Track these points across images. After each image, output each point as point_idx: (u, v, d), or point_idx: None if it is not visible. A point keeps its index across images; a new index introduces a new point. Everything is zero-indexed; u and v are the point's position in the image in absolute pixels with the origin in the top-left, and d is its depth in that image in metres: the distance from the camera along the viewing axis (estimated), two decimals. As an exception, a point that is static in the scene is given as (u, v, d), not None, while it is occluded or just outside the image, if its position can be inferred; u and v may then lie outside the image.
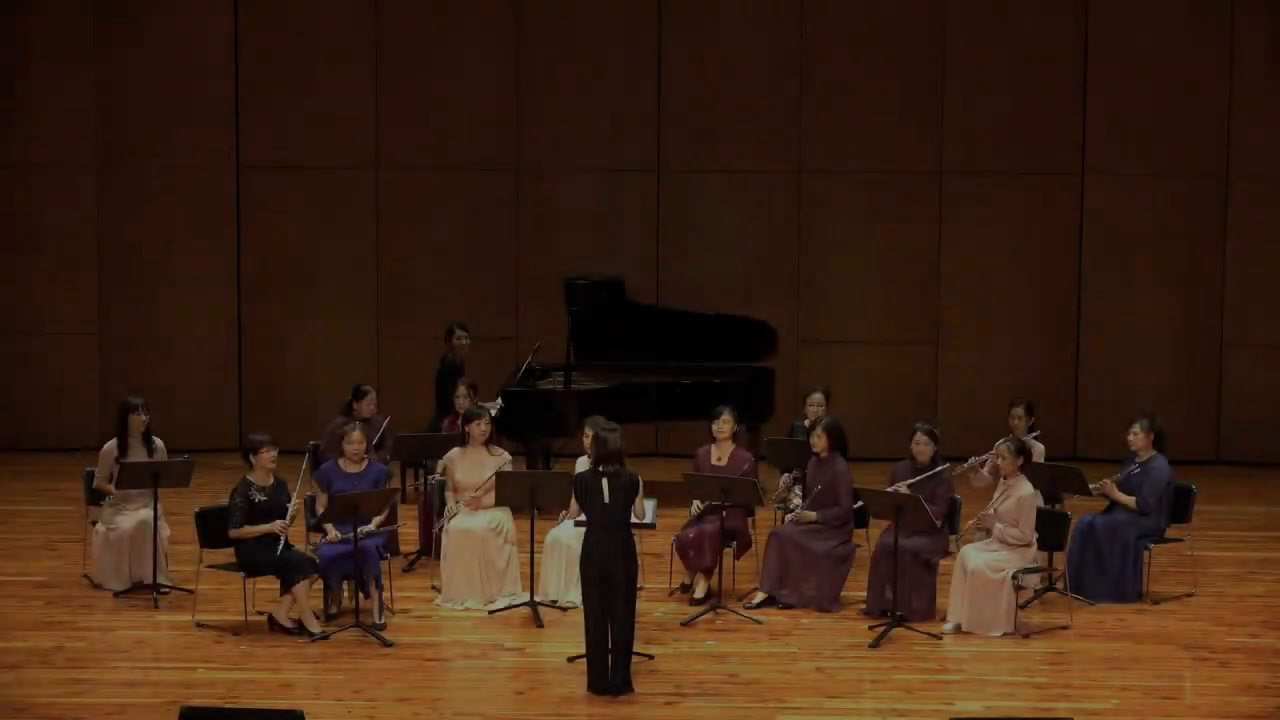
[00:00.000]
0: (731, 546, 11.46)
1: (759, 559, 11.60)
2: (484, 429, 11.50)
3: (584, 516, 9.81)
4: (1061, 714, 9.33)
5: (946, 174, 16.25)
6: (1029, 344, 16.35)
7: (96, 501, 11.78)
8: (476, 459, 11.47)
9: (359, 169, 16.41)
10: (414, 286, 16.50)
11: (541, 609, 11.05)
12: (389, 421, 13.03)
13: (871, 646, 10.54)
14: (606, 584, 9.57)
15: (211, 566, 10.95)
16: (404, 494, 13.72)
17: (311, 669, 10.09)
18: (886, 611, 10.92)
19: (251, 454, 10.85)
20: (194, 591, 11.14)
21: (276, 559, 10.59)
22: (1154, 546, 11.53)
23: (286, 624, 10.67)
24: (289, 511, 10.76)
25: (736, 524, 11.48)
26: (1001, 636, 10.69)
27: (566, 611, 11.09)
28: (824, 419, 11.58)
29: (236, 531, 10.72)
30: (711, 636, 10.74)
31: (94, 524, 11.72)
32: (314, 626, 10.62)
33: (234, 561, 10.83)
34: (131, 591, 11.45)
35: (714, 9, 16.29)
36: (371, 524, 10.97)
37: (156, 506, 11.37)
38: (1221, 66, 15.95)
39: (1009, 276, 16.34)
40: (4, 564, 12.36)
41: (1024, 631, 10.76)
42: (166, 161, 16.32)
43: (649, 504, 10.45)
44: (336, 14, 16.33)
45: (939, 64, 16.16)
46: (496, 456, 11.50)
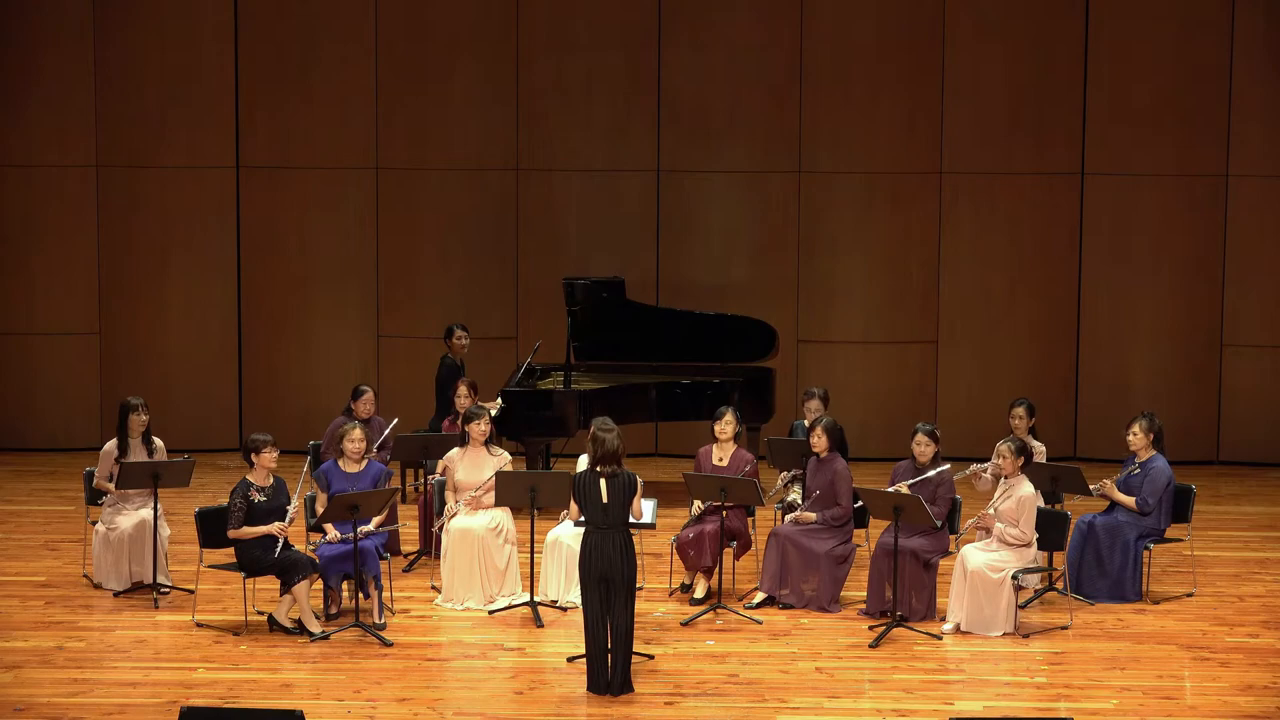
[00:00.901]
0: (731, 546, 11.46)
1: (759, 559, 11.61)
2: (484, 429, 11.51)
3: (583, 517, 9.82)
4: (1061, 714, 9.34)
5: (946, 174, 16.25)
6: (1029, 344, 16.35)
7: (96, 501, 11.79)
8: (476, 459, 11.48)
9: (359, 169, 16.40)
10: (414, 286, 16.50)
11: (541, 609, 11.06)
12: (396, 424, 13.00)
13: (871, 646, 10.54)
14: (606, 584, 9.57)
15: (211, 566, 10.96)
16: (404, 494, 13.75)
17: (311, 669, 10.09)
18: (886, 611, 10.93)
19: (252, 454, 10.85)
20: (194, 591, 11.16)
21: (276, 559, 10.61)
22: (1154, 546, 11.53)
23: (286, 624, 10.68)
24: (289, 513, 10.76)
25: (736, 524, 11.49)
26: (1001, 636, 10.69)
27: (566, 611, 11.10)
28: (823, 419, 11.58)
29: (235, 532, 10.72)
30: (711, 636, 10.75)
31: (94, 524, 11.73)
32: (314, 626, 10.62)
33: (234, 561, 10.84)
34: (131, 591, 11.46)
35: (714, 9, 16.27)
36: (371, 524, 10.98)
37: (156, 506, 11.38)
38: (1221, 66, 15.95)
39: (1009, 277, 16.34)
40: (4, 564, 12.36)
41: (1024, 631, 10.76)
42: (166, 161, 16.32)
43: (649, 504, 10.46)
44: (336, 14, 16.32)
45: (939, 63, 16.16)
46: (496, 456, 11.51)
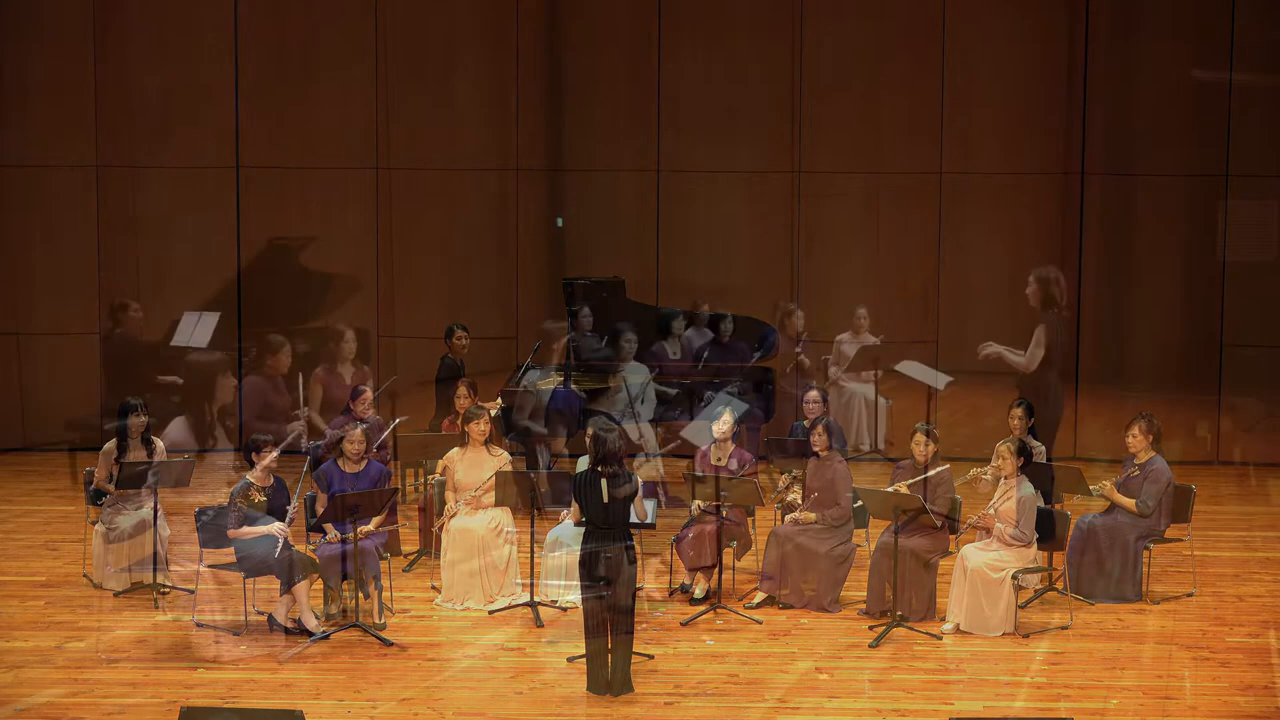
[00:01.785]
0: (731, 546, 11.46)
1: (759, 559, 11.61)
2: (484, 429, 11.50)
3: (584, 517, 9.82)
4: (1061, 714, 9.34)
5: (946, 174, 16.25)
6: (1028, 344, 16.30)
7: (96, 501, 11.79)
8: (476, 459, 11.47)
9: (359, 169, 16.40)
10: (414, 286, 16.49)
11: (541, 609, 11.06)
12: (397, 424, 12.98)
13: (871, 646, 10.54)
14: (606, 584, 9.57)
15: (211, 566, 10.96)
16: (404, 494, 13.75)
17: (311, 669, 10.09)
18: (886, 611, 10.93)
19: (253, 454, 10.85)
20: (194, 591, 11.15)
21: (276, 559, 10.60)
22: (1154, 546, 11.52)
23: (286, 624, 10.67)
24: (288, 514, 10.76)
25: (736, 524, 11.49)
26: (1001, 636, 10.69)
27: (566, 611, 11.09)
28: (823, 418, 11.59)
29: (235, 532, 10.72)
30: (711, 636, 10.74)
31: (94, 524, 11.73)
32: (314, 626, 10.62)
33: (234, 561, 10.83)
34: (131, 591, 11.46)
35: (714, 10, 16.27)
36: (370, 524, 10.97)
37: (156, 506, 11.38)
38: (1220, 67, 15.94)
39: (1009, 277, 16.32)
40: (4, 564, 12.36)
41: (1024, 631, 10.76)
42: (166, 161, 16.32)
43: (649, 504, 10.45)
44: (337, 14, 16.32)
45: (938, 64, 16.15)
46: (496, 456, 11.51)
